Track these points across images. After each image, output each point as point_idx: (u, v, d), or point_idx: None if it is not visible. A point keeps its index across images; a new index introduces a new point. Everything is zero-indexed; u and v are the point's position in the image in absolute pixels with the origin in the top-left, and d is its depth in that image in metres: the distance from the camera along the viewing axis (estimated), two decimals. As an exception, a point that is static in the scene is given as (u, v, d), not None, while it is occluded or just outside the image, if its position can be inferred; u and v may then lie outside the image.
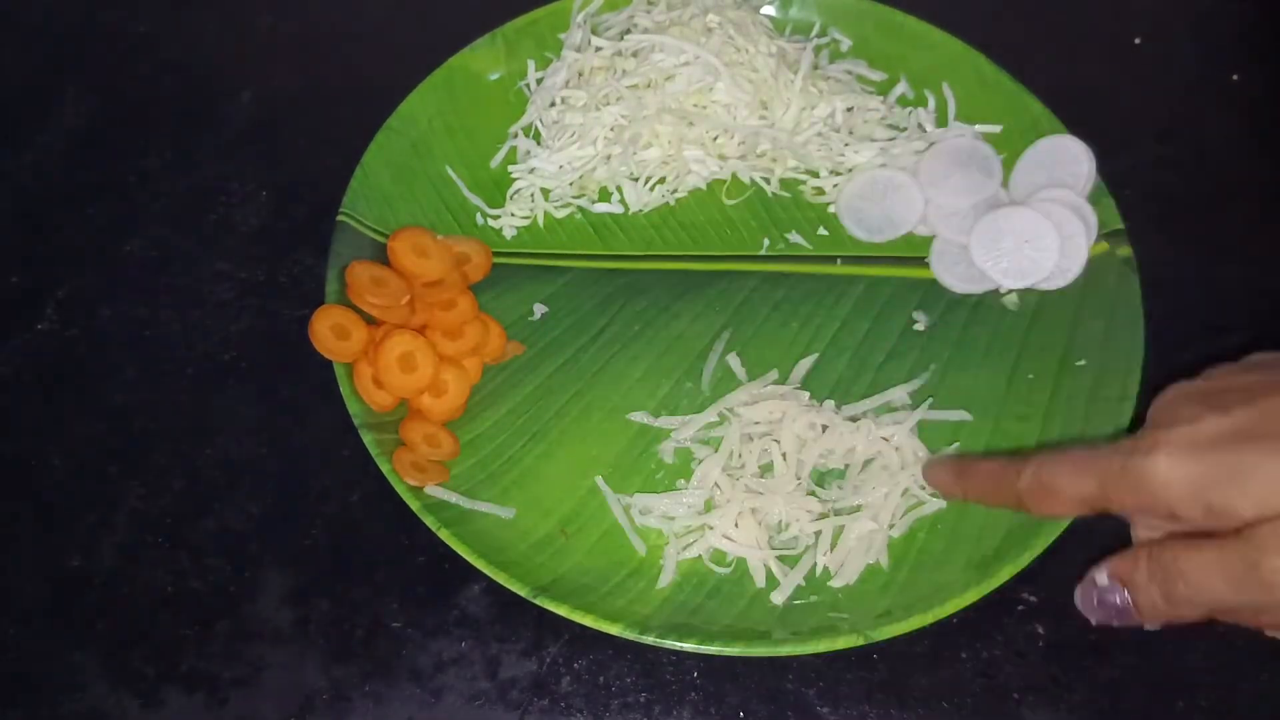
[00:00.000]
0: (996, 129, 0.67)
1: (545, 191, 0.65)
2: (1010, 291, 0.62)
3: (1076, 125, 0.65)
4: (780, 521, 0.53)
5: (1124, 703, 0.50)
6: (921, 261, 0.63)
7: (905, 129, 0.68)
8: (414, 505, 0.51)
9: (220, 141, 0.69)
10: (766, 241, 0.64)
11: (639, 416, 0.57)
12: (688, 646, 0.48)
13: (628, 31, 0.67)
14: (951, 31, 0.69)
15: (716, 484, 0.54)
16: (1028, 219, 0.61)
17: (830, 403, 0.56)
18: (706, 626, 0.49)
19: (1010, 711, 0.50)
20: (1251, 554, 0.37)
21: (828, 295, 0.62)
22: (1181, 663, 0.51)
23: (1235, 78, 0.73)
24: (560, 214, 0.65)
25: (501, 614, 0.52)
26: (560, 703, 0.50)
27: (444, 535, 0.50)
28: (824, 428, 0.55)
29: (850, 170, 0.66)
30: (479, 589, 0.53)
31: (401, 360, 0.54)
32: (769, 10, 0.72)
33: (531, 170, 0.65)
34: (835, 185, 0.66)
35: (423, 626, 0.52)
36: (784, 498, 0.52)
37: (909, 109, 0.68)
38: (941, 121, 0.68)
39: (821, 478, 0.54)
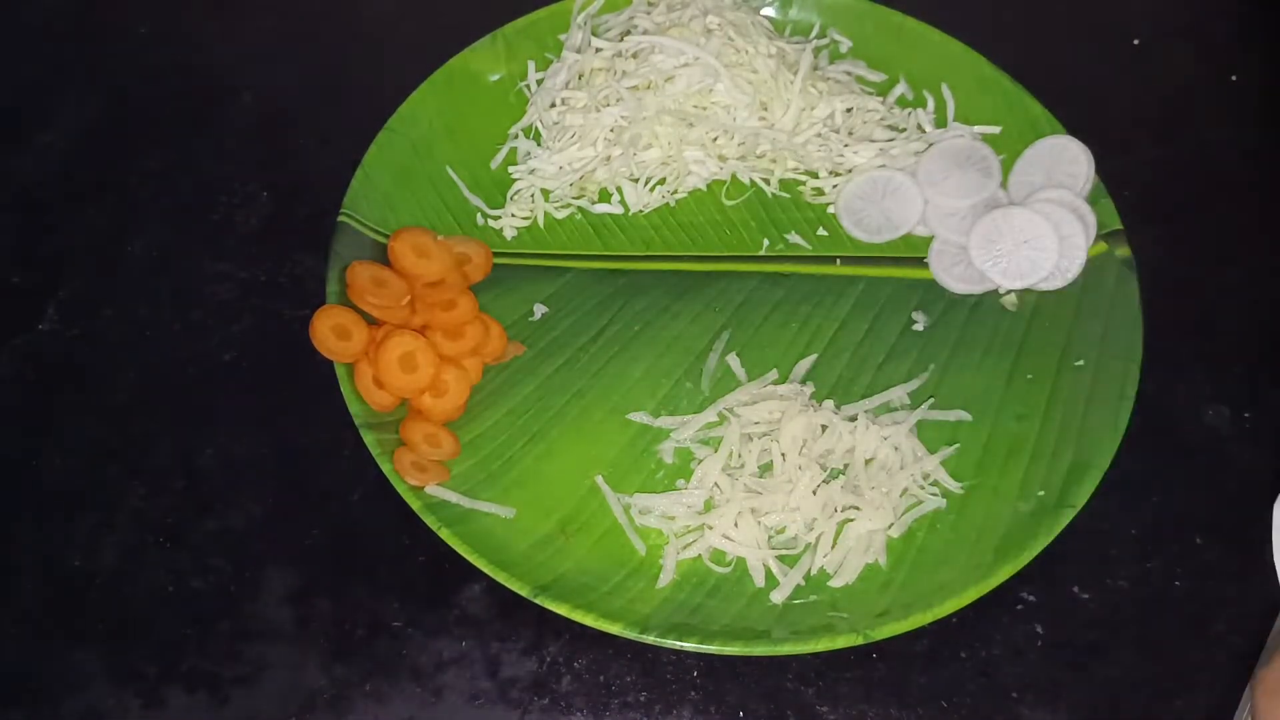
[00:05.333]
0: (995, 130, 0.67)
1: (545, 192, 0.65)
2: (1009, 292, 0.62)
3: (1075, 125, 0.65)
4: (779, 521, 0.53)
5: (1123, 703, 0.50)
6: (920, 262, 0.63)
7: (904, 130, 0.68)
8: (414, 505, 0.51)
9: (220, 141, 0.69)
10: (766, 242, 0.64)
11: (639, 416, 0.57)
12: (688, 646, 0.48)
13: (627, 33, 0.67)
14: (951, 32, 0.69)
15: (716, 484, 0.54)
16: (1026, 219, 0.61)
17: (830, 403, 0.56)
18: (706, 626, 0.49)
19: (1009, 711, 0.50)
20: None
21: (827, 295, 0.62)
22: (1181, 663, 0.52)
23: (1234, 78, 0.74)
24: (560, 214, 0.65)
25: (502, 613, 0.52)
26: (560, 702, 0.50)
27: (444, 535, 0.50)
28: (824, 428, 0.55)
29: (849, 171, 0.66)
30: (479, 588, 0.53)
31: (402, 360, 0.54)
32: (769, 11, 0.72)
33: (532, 171, 0.65)
34: (834, 186, 0.66)
35: (423, 626, 0.52)
36: (783, 497, 0.53)
37: (908, 110, 0.68)
38: (940, 122, 0.68)
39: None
